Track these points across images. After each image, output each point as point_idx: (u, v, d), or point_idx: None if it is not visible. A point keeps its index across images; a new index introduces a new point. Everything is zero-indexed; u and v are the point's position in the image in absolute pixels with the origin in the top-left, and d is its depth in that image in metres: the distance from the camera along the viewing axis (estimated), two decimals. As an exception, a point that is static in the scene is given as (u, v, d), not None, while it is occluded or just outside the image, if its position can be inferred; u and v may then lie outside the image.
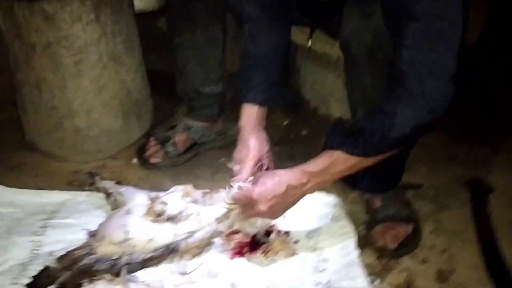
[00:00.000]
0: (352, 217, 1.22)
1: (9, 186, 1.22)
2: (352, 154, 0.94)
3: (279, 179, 0.97)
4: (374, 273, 1.09)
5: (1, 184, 1.22)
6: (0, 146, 1.40)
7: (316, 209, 1.22)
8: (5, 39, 1.25)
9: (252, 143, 1.11)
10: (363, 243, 1.16)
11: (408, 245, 1.15)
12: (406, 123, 0.90)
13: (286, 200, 1.00)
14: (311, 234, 1.16)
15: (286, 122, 1.66)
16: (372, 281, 1.04)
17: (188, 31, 1.30)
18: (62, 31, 1.19)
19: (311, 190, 1.00)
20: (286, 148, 1.52)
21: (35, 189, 1.24)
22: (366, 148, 0.93)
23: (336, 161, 0.95)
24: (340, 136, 0.96)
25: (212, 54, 1.35)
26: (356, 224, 1.21)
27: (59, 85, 1.26)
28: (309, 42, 1.25)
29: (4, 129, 1.46)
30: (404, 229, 1.17)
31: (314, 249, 1.13)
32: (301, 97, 1.72)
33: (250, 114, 1.12)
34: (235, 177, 1.10)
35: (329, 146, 0.96)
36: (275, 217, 1.06)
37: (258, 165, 1.11)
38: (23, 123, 1.39)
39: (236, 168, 1.12)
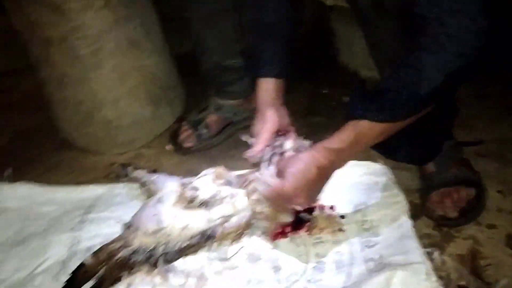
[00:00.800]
0: (403, 185, 1.11)
1: (48, 184, 1.22)
2: (379, 121, 0.83)
3: (306, 164, 0.89)
4: (432, 244, 0.99)
5: (40, 184, 1.22)
6: (37, 149, 1.41)
7: (362, 179, 1.13)
8: (24, 39, 1.23)
9: (269, 115, 1.03)
10: (418, 212, 1.06)
11: (472, 211, 1.03)
12: (435, 74, 0.77)
13: (320, 183, 0.92)
14: (358, 207, 1.07)
15: (325, 90, 1.56)
16: (430, 254, 0.93)
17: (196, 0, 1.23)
18: (73, 21, 1.16)
19: (343, 165, 0.91)
20: (327, 118, 1.43)
21: (74, 185, 1.24)
22: (394, 111, 0.82)
23: (362, 131, 0.85)
24: (362, 102, 0.85)
25: (227, 23, 1.25)
26: (408, 193, 1.10)
27: (80, 78, 1.24)
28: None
29: (40, 132, 1.47)
30: (466, 194, 1.04)
31: (362, 223, 1.04)
32: (338, 63, 1.61)
33: (267, 89, 1.04)
34: (249, 149, 1.04)
35: (351, 115, 0.86)
36: (314, 201, 0.98)
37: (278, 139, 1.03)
38: (55, 122, 1.39)
39: (251, 141, 1.06)
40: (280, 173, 0.93)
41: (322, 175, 0.90)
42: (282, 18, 1.04)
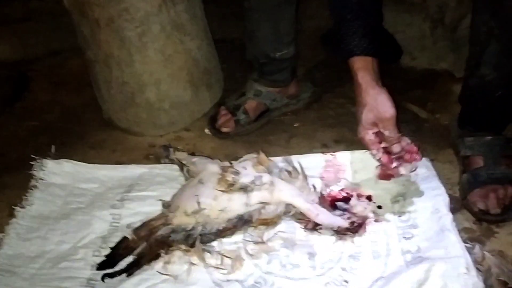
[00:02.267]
0: (445, 178, 1.10)
1: (91, 163, 1.26)
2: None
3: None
4: (472, 238, 0.97)
5: (84, 162, 1.25)
6: (82, 127, 1.45)
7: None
8: (73, 20, 1.27)
9: (384, 98, 0.99)
10: (458, 206, 1.04)
11: None
12: None
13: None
14: (396, 198, 1.06)
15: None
16: (471, 248, 0.92)
17: None
18: (122, 3, 1.17)
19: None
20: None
21: (114, 164, 1.27)
22: None
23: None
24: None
25: (284, 15, 1.25)
26: (450, 186, 1.08)
27: (126, 59, 1.26)
28: None
29: (85, 111, 1.51)
30: (511, 192, 1.01)
31: (400, 214, 1.03)
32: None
33: (367, 68, 0.99)
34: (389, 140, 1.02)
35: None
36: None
37: None
38: (99, 101, 1.43)
39: (370, 136, 1.02)
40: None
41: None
42: None
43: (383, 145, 1.04)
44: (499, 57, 0.93)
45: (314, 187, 1.07)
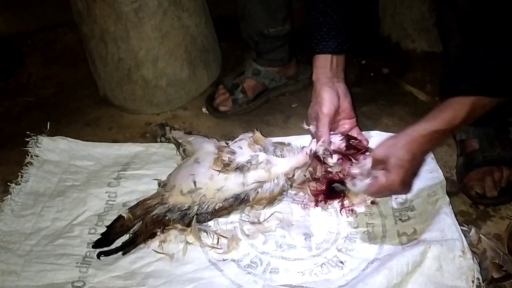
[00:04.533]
0: (440, 160, 1.10)
1: (86, 141, 1.24)
2: (497, 95, 0.78)
3: (413, 152, 0.85)
4: (468, 221, 0.98)
5: (80, 139, 1.24)
6: (77, 103, 1.44)
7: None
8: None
9: (326, 96, 0.99)
10: (455, 189, 1.04)
11: (510, 192, 1.01)
12: None
13: (420, 165, 0.90)
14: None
15: (363, 61, 1.52)
16: (466, 232, 0.92)
17: None
18: (118, -23, 1.15)
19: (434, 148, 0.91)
20: (365, 89, 1.41)
21: (110, 142, 1.26)
22: (504, 82, 0.77)
23: (474, 108, 0.80)
24: (464, 76, 0.80)
25: None
26: (446, 169, 1.08)
27: (122, 35, 1.24)
28: None
29: (80, 87, 1.49)
30: (507, 174, 1.01)
31: (396, 197, 1.02)
32: (379, 34, 1.56)
33: (324, 66, 1.01)
34: (313, 140, 1.02)
35: (451, 92, 0.81)
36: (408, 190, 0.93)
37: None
38: (95, 78, 1.40)
39: (311, 127, 1.04)
40: (381, 163, 0.88)
41: (424, 157, 0.89)
42: None
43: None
44: (462, 47, 0.91)
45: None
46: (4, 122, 1.39)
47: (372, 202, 1.02)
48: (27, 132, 1.21)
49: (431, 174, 1.04)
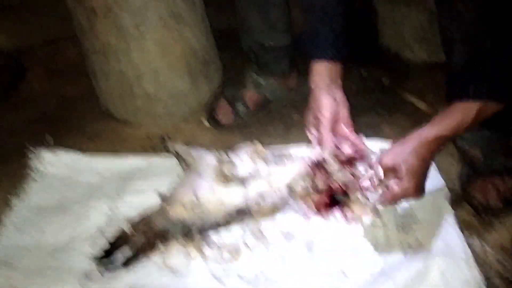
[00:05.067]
0: (443, 170, 1.09)
1: (88, 154, 1.25)
2: (504, 100, 0.78)
3: (423, 159, 0.86)
4: (472, 232, 0.97)
5: (81, 152, 1.24)
6: (79, 117, 1.44)
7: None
8: (69, 9, 1.25)
9: (325, 102, 0.99)
10: (458, 199, 1.03)
11: None
12: None
13: (428, 170, 0.90)
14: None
15: (364, 71, 1.53)
16: (471, 242, 0.91)
17: None
18: (119, -8, 1.16)
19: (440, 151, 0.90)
20: (365, 99, 1.41)
21: (112, 155, 1.26)
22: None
23: (479, 114, 0.81)
24: (471, 81, 0.80)
25: (273, 2, 1.24)
26: (450, 179, 1.07)
27: (123, 49, 1.25)
28: None
29: (82, 101, 1.49)
30: (511, 184, 1.01)
31: (399, 207, 1.02)
32: (378, 45, 1.57)
33: (322, 72, 1.02)
34: (315, 148, 1.02)
35: (468, 96, 0.81)
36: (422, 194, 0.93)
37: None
38: (97, 92, 1.41)
39: (313, 136, 1.03)
40: (391, 171, 0.88)
41: (432, 161, 0.89)
42: (335, 1, 1.01)
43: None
44: (467, 57, 0.91)
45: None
46: (6, 137, 1.39)
47: (375, 213, 1.02)
48: (29, 146, 1.21)
49: (434, 185, 1.03)
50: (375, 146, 1.09)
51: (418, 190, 0.89)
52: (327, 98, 1.00)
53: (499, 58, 0.80)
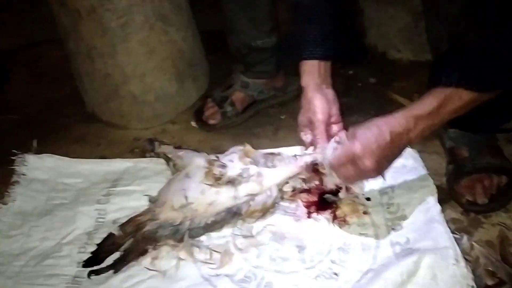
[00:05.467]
0: (430, 168, 1.10)
1: (74, 158, 1.23)
2: (472, 89, 0.75)
3: (381, 128, 0.83)
4: (460, 229, 0.98)
5: (67, 156, 1.22)
6: (64, 120, 1.42)
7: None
8: (53, 10, 1.23)
9: (319, 104, 0.98)
10: (446, 197, 1.04)
11: (502, 198, 1.02)
12: None
13: (392, 151, 0.85)
14: (384, 189, 1.06)
15: (351, 71, 1.54)
16: (459, 239, 0.92)
17: None
18: (104, -8, 1.15)
19: (419, 137, 0.85)
20: (353, 99, 1.41)
21: (98, 158, 1.25)
22: (493, 76, 0.74)
23: (448, 100, 0.78)
24: (452, 68, 0.77)
25: (258, 2, 1.24)
26: (436, 176, 1.08)
27: (109, 51, 1.24)
28: None
29: (67, 104, 1.48)
30: (497, 181, 1.02)
31: (388, 206, 1.03)
32: (365, 44, 1.58)
33: (312, 72, 1.00)
34: (308, 149, 1.01)
35: (439, 81, 0.79)
36: (382, 173, 0.90)
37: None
38: (82, 94, 1.39)
39: (306, 137, 1.02)
40: (351, 136, 0.87)
41: (395, 143, 0.83)
42: (322, 0, 1.00)
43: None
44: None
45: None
46: (-11, 140, 1.37)
47: (365, 213, 1.02)
48: (13, 151, 1.19)
49: (421, 182, 1.04)
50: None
51: (368, 156, 0.83)
52: (320, 99, 0.98)
53: (477, 47, 0.78)
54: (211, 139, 1.31)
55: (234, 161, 1.04)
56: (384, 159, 0.85)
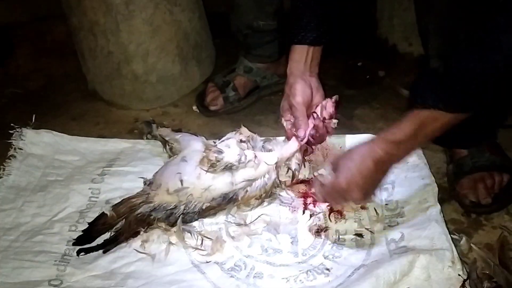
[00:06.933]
0: (433, 166, 1.07)
1: (72, 135, 1.21)
2: (448, 110, 0.75)
3: (363, 158, 0.84)
4: (459, 230, 0.95)
5: (65, 133, 1.21)
6: (65, 96, 1.40)
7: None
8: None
9: (299, 88, 0.98)
10: (446, 197, 1.01)
11: (504, 198, 0.99)
12: None
13: (377, 177, 0.86)
14: (384, 185, 1.02)
15: (360, 62, 1.50)
16: (457, 240, 0.90)
17: None
18: (108, -33, 1.12)
19: (402, 159, 0.86)
20: (359, 92, 1.39)
21: (96, 137, 1.23)
22: (467, 98, 0.74)
23: (426, 122, 0.78)
24: (433, 89, 0.77)
25: None
26: (438, 175, 1.06)
27: (112, 28, 1.21)
28: None
29: (68, 80, 1.46)
30: (499, 180, 0.99)
31: (387, 203, 1.01)
32: (376, 36, 1.54)
33: (299, 57, 0.99)
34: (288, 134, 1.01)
35: (416, 104, 0.79)
36: (370, 198, 0.92)
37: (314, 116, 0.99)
38: (84, 71, 1.37)
39: (286, 123, 1.02)
40: (335, 167, 0.88)
41: (379, 169, 0.85)
42: None
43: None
44: (441, 49, 0.90)
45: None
46: (-11, 113, 1.36)
47: (362, 207, 1.00)
48: (12, 124, 1.18)
49: (423, 180, 1.01)
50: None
51: (352, 186, 0.85)
52: (300, 83, 0.98)
53: (452, 68, 0.77)
54: (212, 124, 1.29)
55: (231, 147, 1.01)
56: (370, 186, 0.88)
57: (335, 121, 1.01)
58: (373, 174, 0.84)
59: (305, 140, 0.99)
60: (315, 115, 1.00)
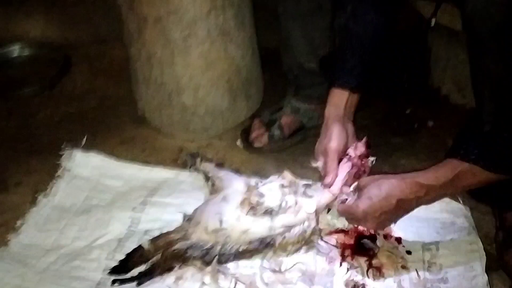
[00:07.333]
0: (482, 231, 1.02)
1: (119, 158, 1.24)
2: (488, 169, 0.75)
3: (388, 193, 0.84)
4: (506, 305, 0.90)
5: (112, 156, 1.24)
6: (115, 120, 1.44)
7: (438, 216, 1.05)
8: (121, 13, 1.25)
9: (336, 132, 0.97)
10: (494, 265, 0.96)
11: None
12: None
13: (397, 214, 0.87)
14: (428, 246, 0.99)
15: (409, 110, 1.47)
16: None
17: None
18: (172, 4, 1.16)
19: (429, 202, 0.86)
20: (406, 140, 1.35)
21: (141, 163, 1.25)
22: (509, 164, 0.74)
23: (463, 174, 0.78)
24: (478, 145, 0.77)
25: (317, 24, 1.21)
26: (487, 241, 1.00)
27: (168, 60, 1.24)
28: (433, 21, 1.09)
29: (121, 104, 1.50)
30: None
31: (430, 265, 0.96)
32: (428, 85, 1.51)
33: (339, 101, 0.99)
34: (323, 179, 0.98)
35: (457, 154, 0.79)
36: (383, 229, 0.94)
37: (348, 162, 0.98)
38: (136, 98, 1.41)
39: (319, 164, 1.00)
40: (360, 190, 0.89)
41: (401, 207, 0.85)
42: (372, 31, 0.98)
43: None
44: (496, 114, 0.87)
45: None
46: (43, 130, 1.41)
47: (403, 267, 0.96)
48: (63, 144, 1.22)
49: (470, 246, 0.97)
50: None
51: (368, 217, 0.87)
52: (337, 128, 0.97)
53: (500, 128, 0.77)
54: (255, 161, 1.29)
55: (273, 191, 1.01)
56: (387, 221, 0.88)
57: (372, 158, 0.99)
58: (393, 211, 0.85)
59: (338, 190, 0.97)
60: (347, 156, 0.98)
